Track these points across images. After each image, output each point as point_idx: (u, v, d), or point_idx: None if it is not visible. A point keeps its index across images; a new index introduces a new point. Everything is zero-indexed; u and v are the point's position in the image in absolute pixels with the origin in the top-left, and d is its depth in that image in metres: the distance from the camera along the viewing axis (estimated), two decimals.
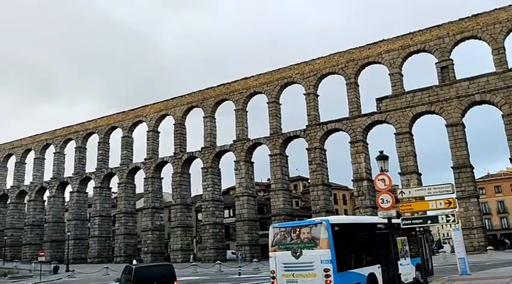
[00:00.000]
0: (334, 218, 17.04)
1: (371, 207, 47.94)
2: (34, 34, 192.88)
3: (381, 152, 16.81)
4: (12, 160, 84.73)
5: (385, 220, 16.16)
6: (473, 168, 45.51)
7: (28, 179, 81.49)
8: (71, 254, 65.06)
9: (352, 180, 50.95)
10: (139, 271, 17.64)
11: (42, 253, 48.35)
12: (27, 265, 59.83)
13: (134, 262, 49.01)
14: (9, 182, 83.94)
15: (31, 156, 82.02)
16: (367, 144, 51.91)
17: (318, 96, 56.03)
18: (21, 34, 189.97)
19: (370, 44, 52.51)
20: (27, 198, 79.97)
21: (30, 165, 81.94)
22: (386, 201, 15.61)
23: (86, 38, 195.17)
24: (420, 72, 55.02)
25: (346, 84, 53.13)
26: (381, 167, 16.49)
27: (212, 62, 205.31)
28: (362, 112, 52.17)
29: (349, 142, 51.37)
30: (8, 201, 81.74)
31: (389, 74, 50.46)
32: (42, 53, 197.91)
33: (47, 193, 77.82)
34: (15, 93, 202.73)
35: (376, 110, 50.81)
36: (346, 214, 75.64)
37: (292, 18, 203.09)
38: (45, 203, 78.43)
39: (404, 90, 49.66)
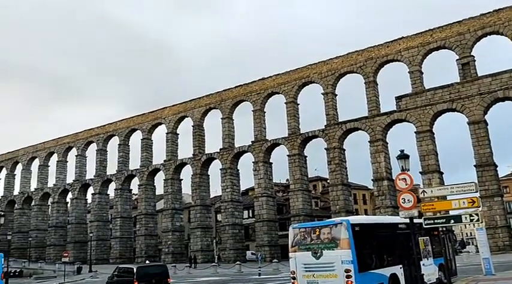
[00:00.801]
0: (354, 219, 16.89)
1: (392, 207, 47.36)
2: (56, 40, 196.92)
3: (402, 151, 16.59)
4: (35, 163, 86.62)
5: (407, 220, 15.95)
6: (496, 166, 44.53)
7: (51, 181, 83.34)
8: (93, 255, 66.10)
9: (372, 180, 50.44)
10: (141, 270, 21.05)
11: (66, 254, 49.34)
12: (51, 265, 61.05)
13: (148, 262, 49.77)
14: (33, 184, 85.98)
15: (54, 158, 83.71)
16: (387, 143, 51.32)
17: (336, 95, 55.66)
18: (43, 41, 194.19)
19: (388, 42, 51.91)
20: (50, 200, 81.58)
21: (53, 168, 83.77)
22: (408, 200, 15.41)
23: (106, 43, 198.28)
24: (440, 69, 54.20)
25: (364, 82, 52.64)
26: (402, 166, 16.28)
27: (229, 63, 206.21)
28: (381, 111, 51.60)
29: (369, 141, 50.87)
30: (33, 203, 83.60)
31: (408, 72, 49.78)
32: (65, 59, 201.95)
33: (69, 195, 79.27)
34: (38, 97, 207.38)
35: (395, 109, 50.19)
36: (366, 214, 74.91)
37: (309, 19, 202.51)
38: (68, 205, 79.90)
39: (424, 87, 48.93)
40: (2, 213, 27.37)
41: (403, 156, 16.42)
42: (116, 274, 23.16)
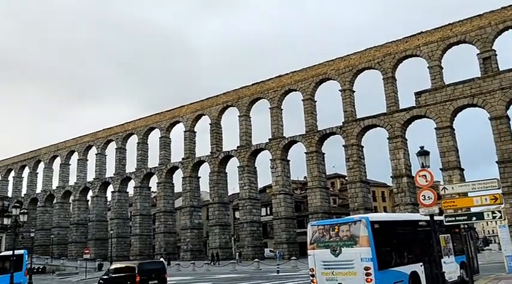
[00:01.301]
0: (373, 216, 16.76)
1: (411, 204, 46.86)
2: (74, 41, 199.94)
3: (422, 147, 16.35)
4: (57, 162, 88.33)
5: (427, 217, 15.74)
6: None
7: (72, 180, 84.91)
8: (114, 251, 67.05)
9: (391, 177, 49.97)
10: (141, 266, 23.36)
11: (87, 251, 50.20)
12: (73, 262, 62.27)
13: (162, 260, 50.33)
14: (55, 183, 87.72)
15: (75, 157, 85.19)
16: (406, 139, 50.73)
17: (354, 92, 55.23)
18: (63, 41, 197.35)
19: (407, 37, 51.22)
20: (72, 197, 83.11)
21: (74, 166, 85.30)
22: (428, 197, 15.19)
23: (125, 42, 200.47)
24: (461, 64, 53.25)
25: (383, 78, 52.10)
26: (422, 163, 16.05)
27: (246, 61, 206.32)
28: (400, 107, 51.02)
29: (387, 138, 50.36)
30: (55, 201, 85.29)
31: (428, 67, 49.04)
32: (84, 59, 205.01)
33: (90, 193, 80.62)
34: (58, 97, 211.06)
35: (415, 105, 49.55)
36: (385, 211, 74.22)
37: (326, 15, 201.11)
38: (89, 203, 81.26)
39: (444, 83, 48.14)
40: (25, 211, 27.97)
41: (423, 153, 16.18)
42: (112, 271, 24.86)
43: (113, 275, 24.51)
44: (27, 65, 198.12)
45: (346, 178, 57.66)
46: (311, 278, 16.01)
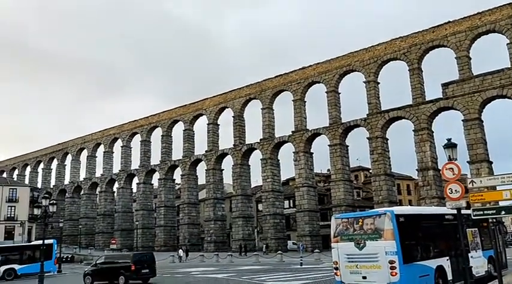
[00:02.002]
0: (398, 209, 16.54)
1: (437, 197, 46.08)
2: (101, 34, 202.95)
3: (449, 140, 16.02)
4: (84, 154, 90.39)
5: (454, 211, 15.45)
6: None
7: (99, 171, 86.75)
8: (139, 242, 68.38)
9: (417, 170, 49.20)
10: (136, 256, 26.80)
11: (114, 241, 51.42)
12: (100, 252, 63.77)
13: (180, 251, 51.11)
14: (82, 174, 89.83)
15: (101, 149, 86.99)
16: (432, 132, 49.78)
17: (379, 83, 54.44)
18: (89, 34, 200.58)
19: (434, 27, 50.05)
20: (98, 189, 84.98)
21: (100, 158, 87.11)
22: (455, 190, 14.88)
23: (149, 35, 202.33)
24: (490, 54, 51.76)
25: (408, 70, 51.15)
26: (449, 155, 15.73)
27: (269, 52, 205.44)
28: (426, 99, 50.04)
29: (413, 130, 49.53)
30: (82, 192, 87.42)
31: (455, 58, 47.86)
32: (109, 52, 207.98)
33: (116, 185, 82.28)
34: (84, 90, 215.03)
35: (441, 96, 48.51)
36: (410, 204, 73.15)
37: (350, 6, 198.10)
38: (115, 194, 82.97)
39: (472, 73, 46.93)
40: (54, 202, 28.76)
41: (450, 145, 15.85)
42: (102, 262, 27.54)
43: (104, 266, 27.02)
44: (56, 59, 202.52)
45: (370, 171, 57.05)
46: (335, 271, 15.97)
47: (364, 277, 14.77)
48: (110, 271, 26.34)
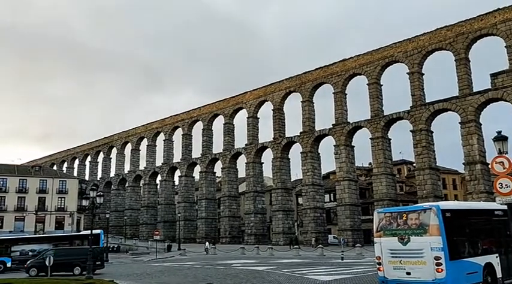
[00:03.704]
0: (444, 204, 16.07)
1: (485, 192, 44.36)
2: (143, 31, 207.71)
3: (499, 132, 15.34)
4: (128, 147, 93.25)
5: (504, 207, 14.83)
6: None
7: (142, 164, 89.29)
8: (181, 234, 69.87)
9: (464, 163, 47.50)
10: (96, 250, 30.14)
11: (157, 232, 52.79)
12: (144, 242, 65.82)
13: (207, 243, 51.77)
14: (127, 167, 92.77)
15: (144, 143, 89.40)
16: (480, 124, 47.84)
17: (423, 74, 52.82)
18: (132, 32, 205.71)
19: (482, 15, 47.92)
20: (142, 181, 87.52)
21: (143, 152, 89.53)
22: (506, 185, 14.26)
23: (189, 30, 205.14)
24: None
25: (455, 60, 49.29)
26: (499, 149, 15.06)
27: (310, 45, 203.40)
28: (474, 90, 48.09)
29: (460, 122, 47.78)
30: (127, 185, 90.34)
31: (505, 47, 45.64)
32: (151, 48, 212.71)
33: (159, 177, 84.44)
34: (128, 86, 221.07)
35: (490, 87, 46.47)
36: (456, 199, 70.76)
37: None
38: (158, 186, 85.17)
39: None
40: (101, 193, 29.87)
41: (500, 138, 15.18)
42: (53, 255, 28.64)
43: (59, 259, 28.90)
44: (101, 55, 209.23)
45: (414, 164, 55.61)
46: (377, 266, 15.73)
47: (408, 273, 14.48)
48: (65, 264, 29.43)
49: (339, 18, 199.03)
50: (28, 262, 31.48)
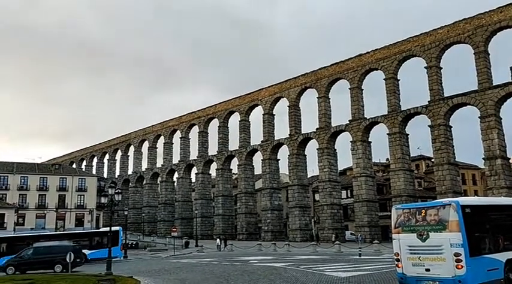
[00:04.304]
0: (464, 200, 15.79)
1: (506, 188, 43.59)
2: (160, 30, 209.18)
3: None
4: (145, 145, 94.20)
5: None
6: None
7: (159, 162, 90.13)
8: (198, 230, 70.32)
9: (483, 158, 46.67)
10: (72, 248, 29.36)
11: (175, 229, 53.32)
12: (162, 239, 66.41)
13: (218, 240, 51.89)
14: (144, 165, 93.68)
15: (161, 141, 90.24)
16: (501, 118, 46.91)
17: (441, 68, 51.99)
18: (149, 32, 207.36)
19: (502, 7, 46.91)
20: (159, 179, 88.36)
21: (160, 149, 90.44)
22: None
23: (204, 28, 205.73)
24: None
25: (474, 53, 48.39)
26: None
27: (325, 40, 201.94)
28: (494, 84, 47.16)
29: (479, 117, 46.94)
30: (144, 182, 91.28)
31: None
32: (167, 47, 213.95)
33: (176, 175, 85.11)
34: (144, 85, 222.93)
35: (511, 80, 45.50)
36: (476, 195, 69.63)
37: None
38: (175, 183, 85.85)
39: None
40: (120, 191, 30.19)
41: None
42: (34, 253, 29.94)
43: (39, 257, 29.51)
44: (117, 54, 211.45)
45: (433, 160, 54.83)
46: (396, 262, 15.57)
47: (427, 270, 14.29)
48: (45, 261, 29.54)
49: (355, 14, 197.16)
50: (4, 262, 30.89)
